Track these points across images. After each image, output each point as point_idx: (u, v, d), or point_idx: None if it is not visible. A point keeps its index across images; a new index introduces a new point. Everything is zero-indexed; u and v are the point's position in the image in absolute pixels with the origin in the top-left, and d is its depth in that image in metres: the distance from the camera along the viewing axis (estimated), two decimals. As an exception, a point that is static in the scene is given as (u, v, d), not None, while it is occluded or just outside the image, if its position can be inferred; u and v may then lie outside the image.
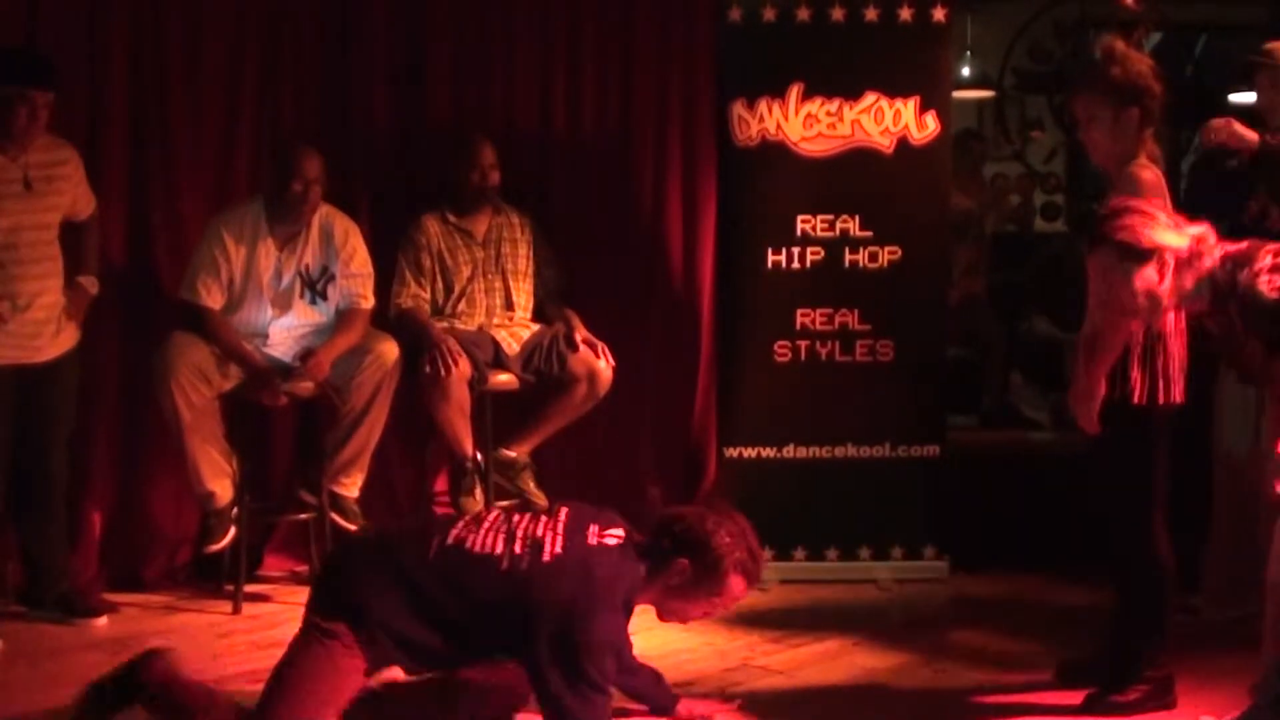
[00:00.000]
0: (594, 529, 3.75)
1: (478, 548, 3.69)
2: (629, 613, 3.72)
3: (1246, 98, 5.69)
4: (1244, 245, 3.66)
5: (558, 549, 3.66)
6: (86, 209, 5.22)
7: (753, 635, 5.08)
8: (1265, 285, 3.51)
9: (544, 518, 3.79)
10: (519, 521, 3.78)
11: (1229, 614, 4.89)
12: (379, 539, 4.01)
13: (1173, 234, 3.67)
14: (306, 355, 5.36)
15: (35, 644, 4.92)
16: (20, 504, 5.12)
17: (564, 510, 3.81)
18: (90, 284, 5.20)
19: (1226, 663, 4.06)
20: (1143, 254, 3.65)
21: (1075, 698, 4.29)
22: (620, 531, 3.77)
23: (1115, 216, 3.71)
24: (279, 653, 4.63)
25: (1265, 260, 3.55)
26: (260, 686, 4.31)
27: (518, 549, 3.67)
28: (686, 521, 3.73)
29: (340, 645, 3.66)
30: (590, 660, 3.54)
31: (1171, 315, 4.25)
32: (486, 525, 3.77)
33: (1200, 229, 3.72)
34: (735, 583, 3.75)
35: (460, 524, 3.80)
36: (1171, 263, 3.64)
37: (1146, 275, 3.65)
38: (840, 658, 4.85)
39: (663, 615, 3.85)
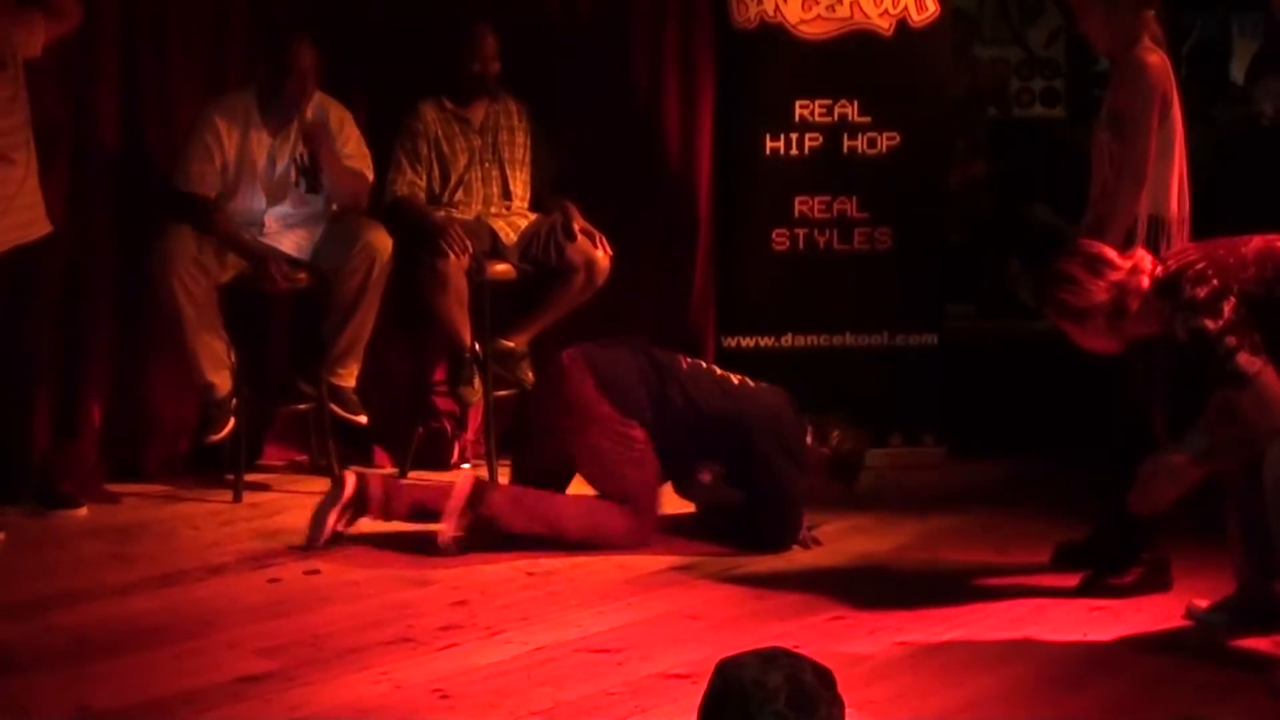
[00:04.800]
0: None
1: (718, 371, 4.92)
2: None
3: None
4: (1171, 266, 3.73)
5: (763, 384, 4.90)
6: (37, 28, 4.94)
7: (751, 520, 5.11)
8: (1180, 326, 3.63)
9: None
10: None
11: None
12: (633, 345, 4.93)
13: (1098, 286, 3.76)
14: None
15: (36, 534, 4.93)
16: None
17: None
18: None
19: (1223, 546, 4.09)
20: (1078, 315, 3.79)
21: (1071, 580, 4.33)
22: None
23: (1047, 287, 3.87)
24: (280, 540, 4.75)
25: (1185, 291, 3.63)
26: (267, 572, 4.41)
27: (739, 377, 4.88)
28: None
29: (641, 443, 4.68)
30: (794, 442, 4.78)
31: (1174, 198, 4.24)
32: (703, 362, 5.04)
33: (1132, 263, 3.79)
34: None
35: (682, 357, 4.91)
36: (1103, 313, 3.77)
37: (1093, 328, 3.81)
38: (838, 542, 4.88)
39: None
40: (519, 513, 4.67)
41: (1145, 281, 3.75)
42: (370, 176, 5.52)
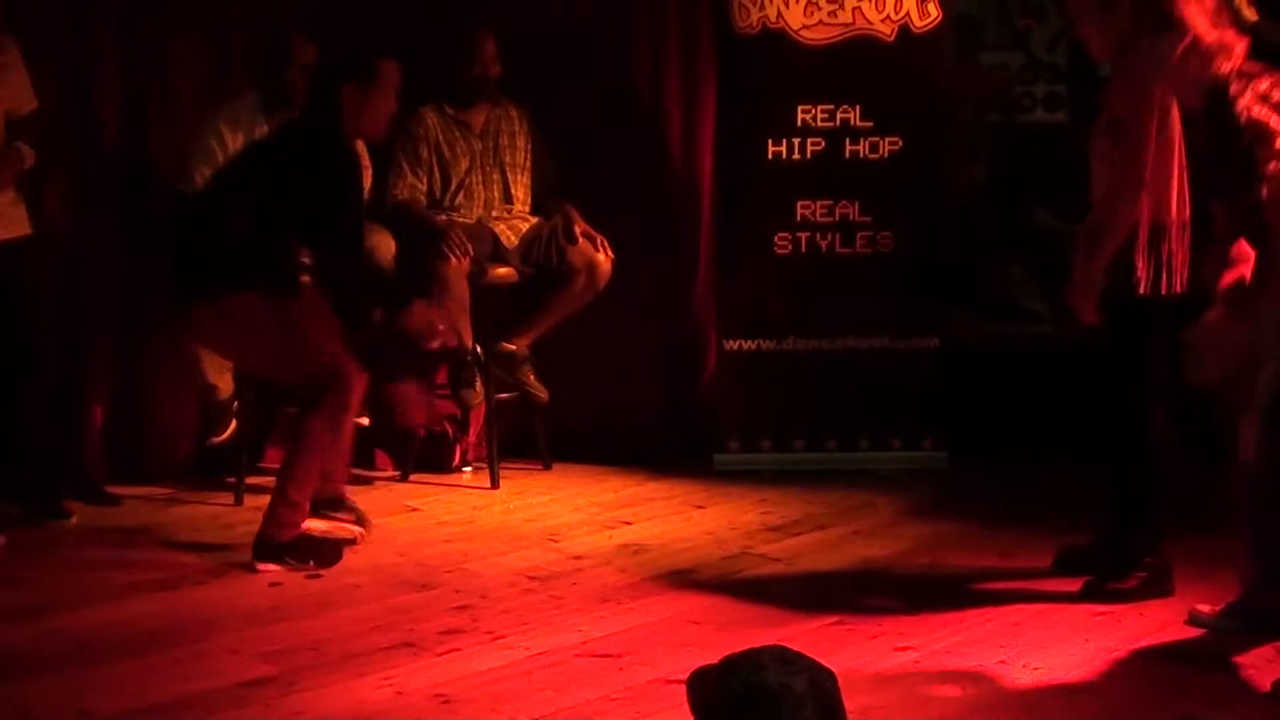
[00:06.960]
0: None
1: None
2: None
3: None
4: (1258, 64, 3.73)
5: None
6: (28, 104, 4.95)
7: (752, 525, 5.12)
8: (1242, 106, 3.62)
9: None
10: None
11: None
12: None
13: (1202, 20, 3.74)
14: None
15: (36, 536, 4.93)
16: None
17: None
18: (28, 153, 4.92)
19: (1225, 552, 4.09)
20: (1173, 25, 3.75)
21: (1073, 585, 4.32)
22: None
23: None
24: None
25: (1262, 85, 3.63)
26: (268, 576, 4.40)
27: None
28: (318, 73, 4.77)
29: None
30: None
31: (1174, 203, 4.23)
32: None
33: (1238, 42, 3.76)
34: (388, 64, 4.64)
35: None
36: (1183, 46, 3.73)
37: (1166, 46, 3.76)
38: (839, 547, 4.88)
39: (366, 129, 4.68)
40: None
41: (1225, 43, 3.72)
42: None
